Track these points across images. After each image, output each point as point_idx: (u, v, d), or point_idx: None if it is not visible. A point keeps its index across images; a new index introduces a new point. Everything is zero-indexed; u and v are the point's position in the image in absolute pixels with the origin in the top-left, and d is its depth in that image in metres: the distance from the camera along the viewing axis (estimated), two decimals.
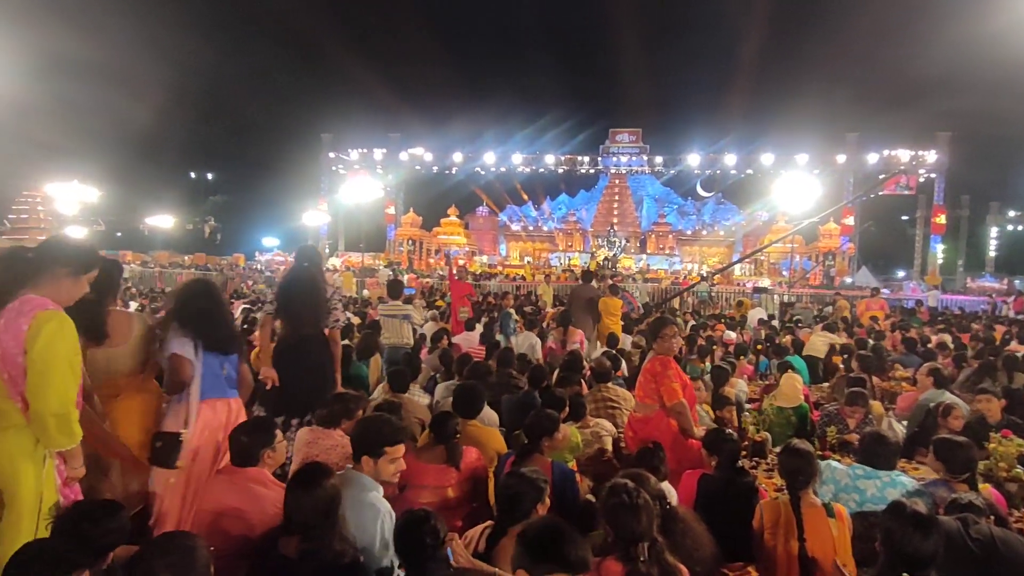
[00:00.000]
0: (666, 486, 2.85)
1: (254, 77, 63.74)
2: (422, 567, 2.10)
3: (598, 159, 37.37)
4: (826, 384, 6.80)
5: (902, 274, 35.63)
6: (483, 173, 37.91)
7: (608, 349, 6.87)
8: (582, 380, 5.22)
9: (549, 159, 36.39)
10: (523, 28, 71.40)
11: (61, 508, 2.18)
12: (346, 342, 5.99)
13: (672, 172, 37.87)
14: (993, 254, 36.61)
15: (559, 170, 37.55)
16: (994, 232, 36.61)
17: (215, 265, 32.28)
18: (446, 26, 67.57)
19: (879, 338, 9.38)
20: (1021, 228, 37.58)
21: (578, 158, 37.15)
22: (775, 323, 11.60)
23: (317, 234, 35.69)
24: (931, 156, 31.47)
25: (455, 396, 3.80)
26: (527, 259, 39.84)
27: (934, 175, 31.95)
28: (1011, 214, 36.77)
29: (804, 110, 37.50)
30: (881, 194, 32.60)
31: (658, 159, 36.79)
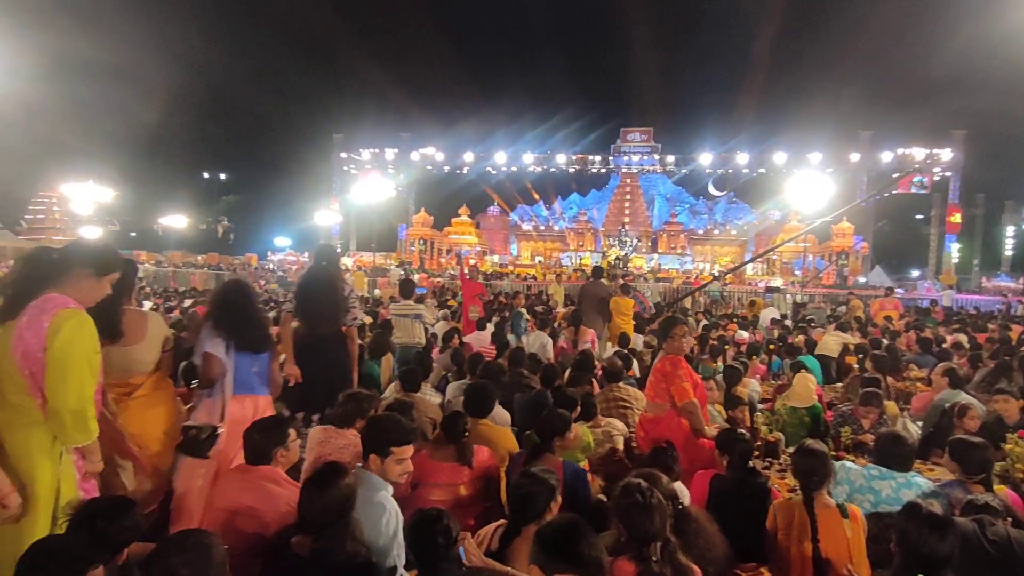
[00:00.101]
0: (679, 486, 2.84)
1: (266, 78, 64.27)
2: (435, 566, 2.10)
3: (609, 158, 37.28)
4: (839, 384, 6.74)
5: (916, 273, 35.26)
6: (494, 172, 37.93)
7: (620, 349, 6.86)
8: (593, 380, 5.21)
9: (560, 158, 36.34)
10: (534, 28, 71.50)
11: (79, 503, 2.21)
12: (358, 341, 6.02)
13: (684, 171, 37.72)
14: (1009, 253, 36.21)
15: (570, 169, 37.50)
16: (1010, 231, 36.20)
17: (228, 265, 32.53)
18: (457, 26, 67.85)
19: (893, 337, 9.30)
20: None
21: (589, 157, 37.08)
22: (788, 323, 11.52)
23: (329, 234, 35.83)
24: (946, 154, 31.12)
25: (466, 395, 3.81)
26: (538, 259, 39.82)
27: (949, 173, 31.60)
28: None
29: (817, 108, 37.25)
30: (895, 193, 32.28)
31: (670, 158, 36.66)
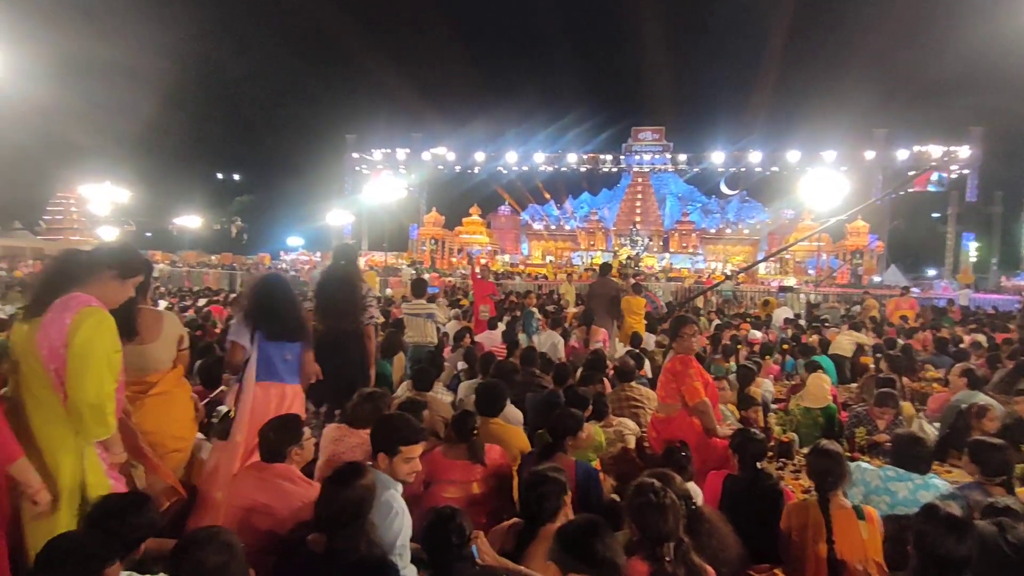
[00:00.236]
0: (692, 486, 2.83)
1: (280, 80, 64.87)
2: (448, 565, 2.11)
3: (621, 157, 37.20)
4: (854, 384, 6.68)
5: (933, 273, 34.81)
6: (505, 172, 37.97)
7: (632, 348, 6.83)
8: (605, 379, 5.20)
9: (571, 158, 36.31)
10: (545, 27, 71.36)
11: (96, 500, 2.26)
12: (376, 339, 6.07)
13: (696, 170, 37.57)
14: None
15: (581, 169, 37.47)
16: None
17: (241, 264, 32.76)
18: (469, 26, 67.94)
19: (908, 336, 9.19)
20: None
21: (600, 156, 37.02)
22: (801, 322, 11.43)
23: (341, 234, 36.01)
24: (963, 151, 30.76)
25: (477, 394, 3.80)
26: (549, 258, 39.81)
27: (966, 171, 31.22)
28: None
29: (831, 106, 36.85)
30: (911, 191, 31.94)
31: (681, 157, 36.52)
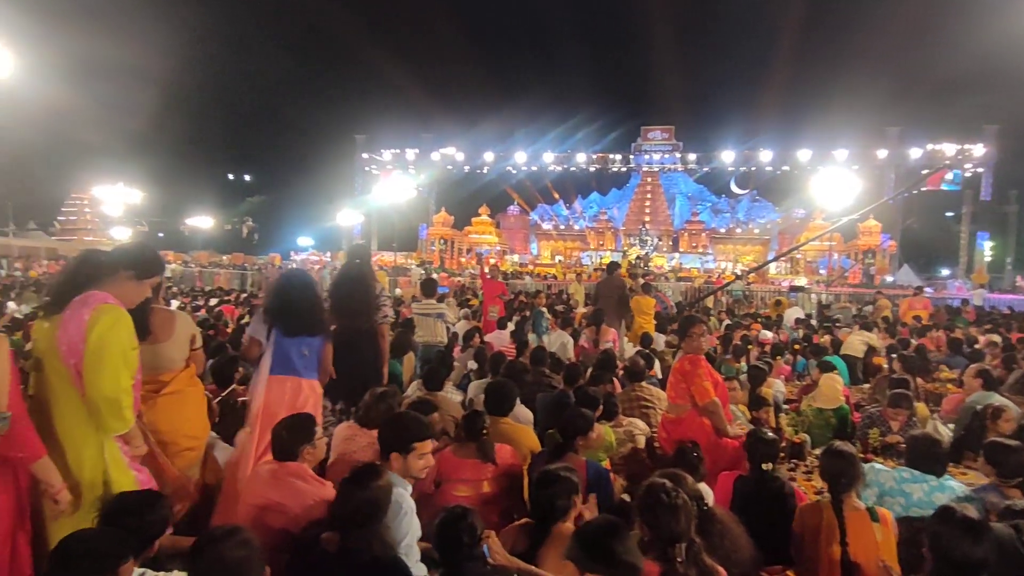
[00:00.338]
0: (703, 487, 2.81)
1: (290, 81, 65.31)
2: (459, 565, 2.11)
3: (630, 157, 37.11)
4: (866, 385, 6.63)
5: (946, 272, 34.46)
6: (514, 172, 37.97)
7: (642, 348, 6.81)
8: (615, 379, 5.18)
9: (580, 157, 36.25)
10: (554, 27, 71.50)
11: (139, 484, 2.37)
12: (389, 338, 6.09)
13: (705, 169, 37.41)
14: None
15: (591, 168, 37.40)
16: None
17: (252, 265, 32.96)
18: (478, 27, 68.15)
19: (920, 335, 9.09)
20: None
21: (610, 156, 36.94)
22: (812, 322, 11.35)
23: (350, 234, 36.15)
24: (978, 150, 30.41)
25: (486, 393, 3.81)
26: (558, 258, 39.78)
27: (981, 169, 30.87)
28: None
29: (843, 104, 36.65)
30: (924, 190, 31.63)
31: (691, 156, 36.37)
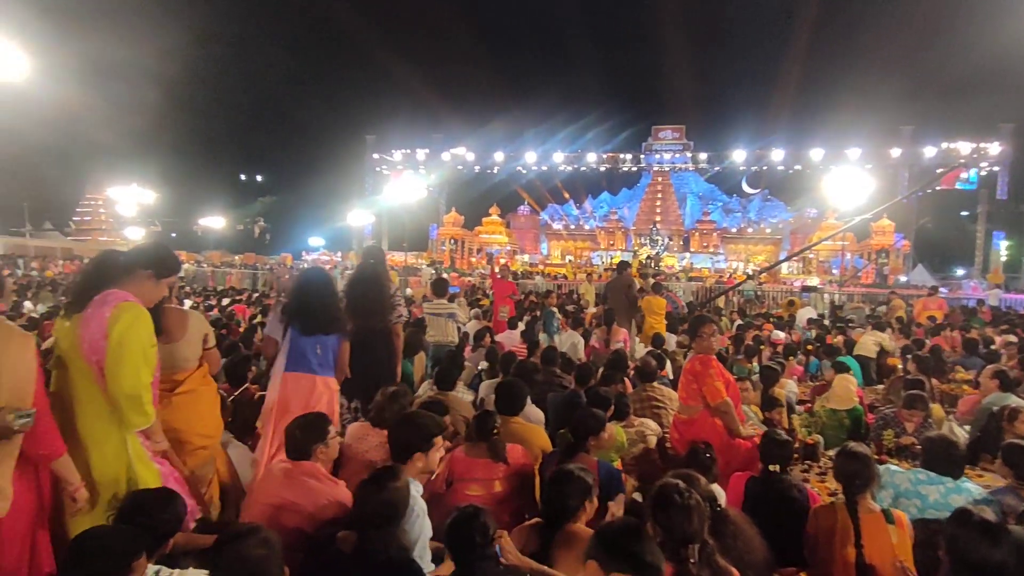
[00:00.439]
0: (716, 488, 2.80)
1: (301, 82, 65.70)
2: (471, 564, 2.11)
3: (641, 156, 36.98)
4: (879, 386, 6.57)
5: (961, 272, 34.06)
6: (525, 172, 37.95)
7: (653, 348, 6.79)
8: (626, 379, 5.17)
9: (591, 157, 36.17)
10: (565, 27, 71.33)
11: (163, 478, 2.42)
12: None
13: (716, 169, 37.19)
14: None
15: (601, 168, 37.30)
16: None
17: (263, 264, 33.17)
18: (488, 27, 68.20)
19: (934, 334, 8.98)
20: None
21: (620, 156, 36.83)
22: (825, 322, 11.25)
23: (361, 234, 36.31)
24: (993, 148, 30.03)
25: (496, 393, 3.81)
26: (569, 258, 39.74)
27: (996, 168, 30.49)
28: None
29: (856, 103, 36.49)
30: (939, 189, 31.29)
31: (702, 156, 36.19)
